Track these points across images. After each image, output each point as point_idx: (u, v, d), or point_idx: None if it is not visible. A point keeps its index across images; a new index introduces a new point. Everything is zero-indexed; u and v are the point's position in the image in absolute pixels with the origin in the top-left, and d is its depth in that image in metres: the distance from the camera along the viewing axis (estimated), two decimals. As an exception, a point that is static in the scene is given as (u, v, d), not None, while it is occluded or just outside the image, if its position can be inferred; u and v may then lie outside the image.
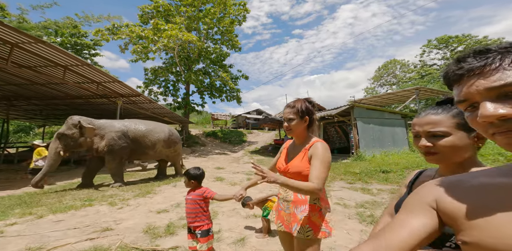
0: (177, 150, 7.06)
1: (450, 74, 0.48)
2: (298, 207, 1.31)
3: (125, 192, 4.96)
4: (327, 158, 1.25)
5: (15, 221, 3.05)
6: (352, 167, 7.27)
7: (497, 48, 0.43)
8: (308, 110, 1.37)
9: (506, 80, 0.40)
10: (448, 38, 32.50)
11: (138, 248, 2.28)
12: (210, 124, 27.29)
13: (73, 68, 7.79)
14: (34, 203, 4.14)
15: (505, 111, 0.40)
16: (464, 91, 0.46)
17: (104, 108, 13.81)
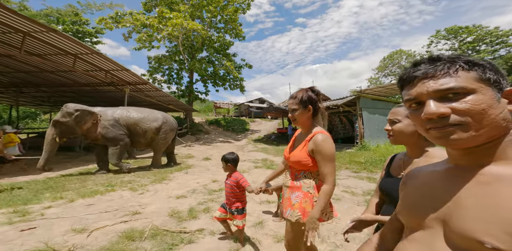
0: (167, 138, 6.76)
1: (406, 76, 0.55)
2: (293, 192, 1.39)
3: (141, 178, 5.25)
4: (329, 151, 1.30)
5: (50, 205, 3.33)
6: (356, 157, 7.52)
7: (447, 58, 0.52)
8: (311, 99, 1.38)
9: (450, 84, 0.48)
10: (458, 29, 31.39)
11: (168, 230, 2.54)
12: (212, 112, 27.42)
13: (82, 57, 7.83)
14: (60, 188, 4.42)
15: (444, 110, 0.48)
16: (415, 91, 0.52)
17: (110, 96, 13.93)
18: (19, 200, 3.51)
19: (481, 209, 0.45)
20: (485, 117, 0.46)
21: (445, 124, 0.48)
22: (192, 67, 14.81)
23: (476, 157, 0.51)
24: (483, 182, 0.48)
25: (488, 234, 0.43)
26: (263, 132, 18.56)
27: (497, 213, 0.43)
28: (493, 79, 0.48)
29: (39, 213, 2.98)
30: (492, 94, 0.47)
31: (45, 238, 2.24)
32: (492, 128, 0.46)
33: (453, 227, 0.48)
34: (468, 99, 0.46)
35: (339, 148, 9.79)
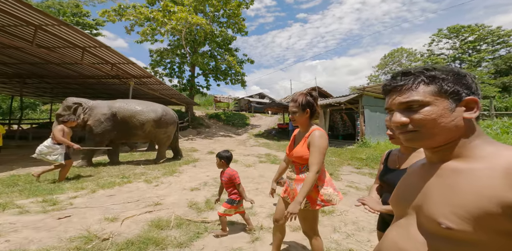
0: (168, 132, 6.65)
1: (384, 88, 0.67)
2: (299, 184, 1.58)
3: (152, 171, 5.45)
4: (322, 144, 1.49)
5: (75, 195, 3.53)
6: (358, 153, 7.79)
7: (414, 72, 0.61)
8: (309, 103, 1.57)
9: (410, 98, 0.59)
10: (460, 28, 31.34)
11: (190, 220, 2.76)
12: (212, 106, 27.48)
13: (90, 50, 7.86)
14: (76, 178, 4.63)
15: (404, 120, 0.60)
16: (388, 102, 0.65)
17: (114, 88, 13.96)
18: (44, 189, 3.70)
19: (441, 196, 0.55)
20: (436, 125, 0.56)
21: (405, 131, 0.60)
22: (195, 62, 14.80)
23: (440, 155, 0.62)
24: (444, 174, 0.59)
25: (443, 216, 0.52)
26: (263, 127, 18.77)
27: (450, 199, 0.53)
28: (450, 91, 0.57)
29: (68, 202, 3.18)
30: (445, 105, 0.57)
31: (83, 225, 2.45)
32: (444, 133, 0.57)
33: (422, 212, 0.59)
34: (422, 110, 0.57)
35: (340, 145, 10.09)
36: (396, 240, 0.63)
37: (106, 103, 6.20)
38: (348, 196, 3.84)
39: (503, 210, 0.45)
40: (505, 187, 0.46)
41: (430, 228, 0.56)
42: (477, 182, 0.51)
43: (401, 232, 0.64)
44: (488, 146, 0.56)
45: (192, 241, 2.28)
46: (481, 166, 0.53)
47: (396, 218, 0.71)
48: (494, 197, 0.47)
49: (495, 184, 0.48)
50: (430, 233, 0.56)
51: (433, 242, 0.55)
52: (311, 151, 1.50)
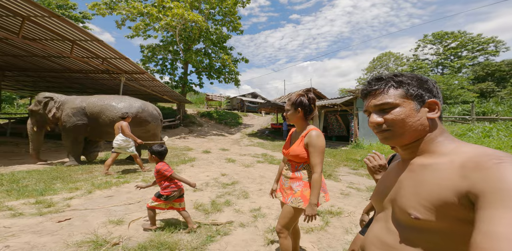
0: (150, 130, 6.05)
1: (362, 92, 0.74)
2: (295, 182, 1.60)
3: (148, 171, 5.26)
4: (320, 144, 1.51)
5: (70, 196, 3.32)
6: (352, 154, 7.93)
7: (386, 77, 0.68)
8: (302, 103, 1.59)
9: (383, 100, 0.66)
10: (444, 34, 32.78)
11: (200, 222, 2.68)
12: (204, 104, 27.08)
13: (81, 43, 7.49)
14: (67, 178, 4.37)
15: (379, 120, 0.66)
16: (366, 105, 0.72)
17: (103, 83, 13.43)
18: (34, 190, 3.46)
19: (411, 189, 0.61)
20: (405, 124, 0.63)
21: (381, 130, 0.67)
22: (188, 59, 14.51)
23: (410, 151, 0.68)
24: (413, 169, 0.65)
25: (412, 207, 0.58)
26: (256, 126, 18.74)
27: (418, 192, 0.58)
28: (415, 94, 0.64)
29: (64, 204, 2.99)
30: (412, 106, 0.64)
31: (88, 229, 2.30)
32: (412, 131, 0.64)
33: (396, 205, 0.64)
34: (393, 111, 0.65)
35: (334, 145, 10.23)
36: (378, 233, 0.68)
37: (78, 98, 5.84)
38: (351, 197, 3.88)
39: (458, 199, 0.50)
40: (460, 178, 0.51)
41: (402, 219, 0.61)
42: (439, 175, 0.56)
43: (381, 225, 0.68)
44: (450, 143, 0.62)
45: (205, 244, 2.20)
46: (443, 160, 0.58)
47: (376, 213, 0.76)
48: (451, 187, 0.51)
49: (453, 176, 0.52)
50: (402, 224, 0.61)
51: (404, 232, 0.60)
52: (310, 152, 1.51)
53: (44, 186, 3.75)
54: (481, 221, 0.43)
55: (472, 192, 0.47)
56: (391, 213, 0.67)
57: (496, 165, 0.47)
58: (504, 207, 0.41)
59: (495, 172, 0.46)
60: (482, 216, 0.43)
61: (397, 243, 0.61)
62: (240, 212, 3.07)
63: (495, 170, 0.46)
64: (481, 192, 0.46)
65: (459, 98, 22.61)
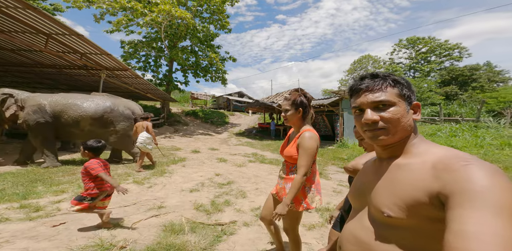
0: (121, 131, 5.57)
1: (354, 87, 0.71)
2: (288, 183, 1.59)
3: (135, 171, 5.05)
4: (310, 146, 1.47)
5: (58, 199, 3.10)
6: (339, 153, 8.23)
7: (382, 75, 0.68)
8: (303, 103, 1.58)
9: (381, 97, 0.64)
10: (416, 39, 34.86)
11: (203, 223, 2.64)
12: (188, 103, 26.46)
13: (57, 37, 6.98)
14: (48, 180, 4.08)
15: (376, 118, 0.64)
16: (359, 100, 0.68)
17: (79, 80, 12.63)
18: (15, 194, 3.19)
19: (386, 189, 0.63)
20: (399, 124, 0.63)
21: (375, 128, 0.65)
22: (174, 56, 14.08)
23: (390, 152, 0.69)
24: (390, 169, 0.66)
25: (385, 206, 0.59)
26: (243, 125, 18.67)
27: (391, 190, 0.60)
28: (406, 95, 0.66)
29: (53, 208, 2.79)
30: (405, 107, 0.65)
31: (86, 233, 2.18)
32: (402, 132, 0.64)
33: (372, 203, 0.66)
34: (390, 110, 0.64)
35: (321, 145, 10.50)
36: (353, 230, 0.70)
37: (41, 96, 5.38)
38: (343, 194, 4.02)
39: (430, 199, 0.52)
40: (431, 178, 0.53)
41: (377, 217, 0.63)
42: (412, 176, 0.58)
43: (357, 223, 0.70)
44: (423, 144, 0.65)
45: (213, 245, 2.18)
46: (416, 161, 0.60)
47: (353, 211, 0.77)
48: (423, 188, 0.53)
49: (425, 177, 0.55)
50: (377, 221, 0.63)
51: (379, 229, 0.62)
52: (299, 153, 1.50)
53: (24, 190, 3.47)
54: (452, 220, 0.45)
55: (443, 193, 0.49)
56: (367, 211, 0.69)
57: (464, 167, 0.49)
58: (471, 207, 0.43)
59: (463, 174, 0.48)
60: (452, 216, 0.45)
61: (372, 240, 0.62)
62: (241, 212, 3.07)
63: (463, 172, 0.49)
64: (450, 193, 0.48)
65: (428, 100, 24.23)
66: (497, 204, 0.42)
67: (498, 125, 12.27)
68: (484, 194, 0.43)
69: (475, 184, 0.45)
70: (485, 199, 0.43)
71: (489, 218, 0.41)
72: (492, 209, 0.42)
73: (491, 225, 0.40)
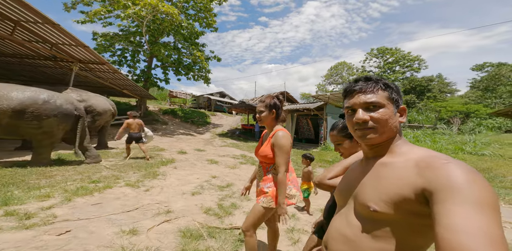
0: (44, 127, 4.78)
1: (349, 89, 0.75)
2: (266, 183, 1.64)
3: (124, 173, 4.70)
4: (284, 144, 1.54)
5: (48, 205, 2.76)
6: (323, 156, 8.56)
7: (374, 79, 0.72)
8: (275, 105, 1.67)
9: (372, 99, 0.69)
10: (385, 49, 37.81)
11: (219, 227, 2.56)
12: (166, 101, 25.31)
13: (27, 25, 6.24)
14: (23, 184, 3.60)
15: (366, 118, 0.68)
16: (353, 101, 0.72)
17: (43, 72, 11.38)
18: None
19: (371, 185, 0.66)
20: (387, 125, 0.68)
21: (365, 127, 0.69)
22: (156, 52, 13.41)
23: (376, 151, 0.73)
24: (376, 167, 0.70)
25: (372, 201, 0.63)
26: (225, 126, 18.38)
27: (377, 187, 0.64)
28: (395, 99, 0.71)
29: (47, 214, 2.47)
30: (392, 109, 0.69)
31: (99, 241, 1.98)
32: (389, 132, 0.69)
33: (357, 199, 0.69)
34: (380, 111, 0.68)
35: (305, 147, 10.83)
36: (338, 226, 0.73)
37: None
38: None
39: (415, 194, 0.56)
40: (415, 175, 0.57)
41: (362, 212, 0.67)
42: (396, 173, 0.62)
43: (342, 219, 0.74)
44: (405, 145, 0.70)
45: (238, 249, 2.14)
46: (400, 159, 0.65)
47: (338, 207, 0.81)
48: (408, 184, 0.57)
49: (409, 174, 0.59)
50: (362, 217, 0.67)
51: (364, 224, 0.66)
52: (275, 152, 1.56)
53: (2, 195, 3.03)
54: (440, 215, 0.48)
55: (427, 189, 0.53)
56: (353, 207, 0.72)
57: (444, 165, 0.54)
58: (454, 203, 0.47)
59: (444, 171, 0.52)
60: (439, 211, 0.48)
61: (357, 236, 0.65)
62: (251, 214, 3.04)
63: (443, 169, 0.53)
64: (434, 189, 0.51)
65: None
66: (476, 199, 0.46)
67: (451, 132, 13.91)
68: (464, 191, 0.48)
69: (455, 181, 0.49)
70: (465, 195, 0.47)
71: (472, 213, 0.45)
72: (473, 204, 0.46)
73: (475, 219, 0.44)
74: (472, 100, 30.90)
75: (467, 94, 34.62)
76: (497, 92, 30.87)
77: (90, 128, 7.52)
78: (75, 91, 7.64)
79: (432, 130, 14.39)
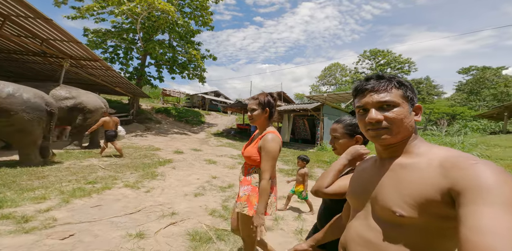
0: (15, 123, 4.42)
1: (360, 87, 0.71)
2: (243, 186, 1.51)
3: (121, 174, 4.54)
4: (273, 149, 1.40)
5: (45, 207, 2.62)
6: (320, 156, 8.62)
7: (387, 77, 0.69)
8: (270, 103, 1.53)
9: (386, 98, 0.65)
10: (378, 52, 38.57)
11: (227, 230, 2.50)
12: (159, 99, 24.86)
13: (17, 20, 5.97)
14: (14, 185, 3.43)
15: (380, 117, 0.65)
16: (364, 100, 0.69)
17: (31, 68, 10.94)
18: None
19: (392, 188, 0.63)
20: (402, 124, 0.65)
21: (379, 127, 0.66)
22: (151, 50, 13.13)
23: (392, 151, 0.69)
24: (394, 169, 0.66)
25: (397, 205, 0.59)
26: (220, 126, 18.22)
27: (400, 190, 0.60)
28: (410, 97, 0.67)
29: (46, 217, 2.35)
30: (408, 108, 0.66)
31: (107, 245, 1.89)
32: (404, 132, 0.66)
33: (377, 202, 0.66)
34: (394, 110, 0.65)
35: (302, 148, 10.91)
36: (359, 230, 0.70)
37: None
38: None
39: (441, 196, 0.53)
40: (440, 176, 0.55)
41: (384, 216, 0.63)
42: (419, 174, 0.59)
43: (361, 223, 0.70)
44: (423, 145, 0.67)
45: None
46: (421, 160, 0.62)
47: (353, 211, 0.77)
48: (433, 185, 0.55)
49: (433, 175, 0.56)
50: (384, 221, 0.63)
51: (386, 228, 0.62)
52: (262, 156, 1.43)
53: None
54: (466, 216, 0.46)
55: (455, 189, 0.51)
56: (370, 211, 0.69)
57: (472, 165, 0.52)
58: (484, 203, 0.45)
59: (472, 172, 0.50)
60: (466, 212, 0.47)
61: (379, 240, 0.63)
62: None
63: (472, 170, 0.51)
64: (462, 189, 0.49)
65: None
66: (507, 200, 0.44)
67: (440, 133, 14.35)
68: (494, 191, 0.46)
69: (485, 181, 0.48)
70: (496, 195, 0.45)
71: (502, 214, 0.43)
72: (503, 205, 0.44)
73: (504, 220, 0.42)
74: (458, 103, 32.04)
75: (453, 97, 35.87)
76: (481, 95, 32.15)
77: (81, 127, 7.31)
78: (64, 88, 7.37)
79: (422, 131, 14.80)
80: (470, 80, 35.00)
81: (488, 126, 18.74)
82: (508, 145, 9.92)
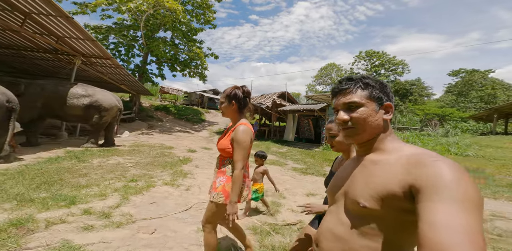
0: None
1: (333, 91, 0.79)
2: (219, 177, 1.57)
3: (151, 172, 4.78)
4: (243, 139, 1.45)
5: (112, 204, 2.87)
6: (328, 155, 9.05)
7: (355, 78, 0.75)
8: (236, 96, 1.56)
9: (351, 99, 0.71)
10: (373, 53, 39.24)
11: (277, 224, 2.81)
12: (156, 97, 24.71)
13: (37, 17, 6.01)
14: (63, 183, 3.62)
15: (346, 117, 0.71)
16: (335, 102, 0.77)
17: (38, 64, 10.78)
18: (54, 198, 2.82)
19: (362, 182, 0.68)
20: (366, 123, 0.69)
21: (346, 127, 0.72)
22: (154, 48, 13.14)
23: (365, 148, 0.75)
24: (365, 164, 0.71)
25: (362, 197, 0.64)
26: (221, 124, 18.41)
27: (367, 183, 0.66)
28: (376, 97, 0.71)
29: (122, 213, 2.61)
30: (373, 107, 0.70)
31: (187, 239, 2.19)
32: (371, 130, 0.70)
33: (348, 196, 0.71)
34: (358, 110, 0.70)
35: (307, 147, 11.31)
36: (329, 224, 0.74)
37: None
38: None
39: (402, 191, 0.56)
40: (405, 172, 0.58)
41: (352, 209, 0.68)
42: (386, 169, 0.63)
43: (333, 217, 0.74)
44: (395, 142, 0.71)
45: (306, 242, 2.45)
46: (390, 157, 0.66)
47: (329, 205, 0.82)
48: (397, 181, 0.58)
49: (400, 171, 0.59)
50: (352, 214, 0.68)
51: (353, 221, 0.67)
52: (234, 147, 1.48)
53: (50, 194, 3.07)
54: (423, 212, 0.48)
55: (415, 186, 0.54)
56: (343, 205, 0.73)
57: (433, 162, 0.54)
58: (439, 200, 0.47)
59: (431, 169, 0.53)
60: (423, 208, 0.49)
61: (346, 234, 0.66)
62: (295, 212, 3.33)
63: (431, 167, 0.53)
64: (420, 186, 0.52)
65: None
66: (461, 197, 0.47)
67: (436, 134, 15.11)
68: (450, 188, 0.48)
69: (442, 179, 0.50)
70: (450, 193, 0.48)
71: (456, 210, 0.45)
72: (457, 202, 0.46)
73: (458, 216, 0.44)
74: (447, 104, 33.35)
75: (442, 98, 37.21)
76: (469, 97, 33.57)
77: (98, 124, 7.41)
78: (80, 86, 7.44)
79: (418, 132, 15.55)
80: (459, 82, 36.34)
81: (477, 127, 19.75)
82: (499, 146, 10.66)
